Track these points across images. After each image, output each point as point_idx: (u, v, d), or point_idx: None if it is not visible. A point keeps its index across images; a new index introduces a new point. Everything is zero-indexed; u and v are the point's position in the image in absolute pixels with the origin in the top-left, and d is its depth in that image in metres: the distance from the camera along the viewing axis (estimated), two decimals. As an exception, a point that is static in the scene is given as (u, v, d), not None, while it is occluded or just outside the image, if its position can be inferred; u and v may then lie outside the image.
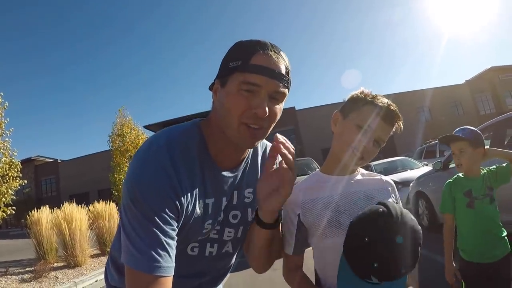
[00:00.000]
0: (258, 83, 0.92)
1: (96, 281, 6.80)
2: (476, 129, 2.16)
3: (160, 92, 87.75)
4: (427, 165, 10.01)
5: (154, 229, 0.88)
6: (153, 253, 0.86)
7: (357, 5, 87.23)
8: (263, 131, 0.98)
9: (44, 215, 8.04)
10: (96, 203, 9.48)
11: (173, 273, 0.90)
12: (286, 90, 0.98)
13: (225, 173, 1.06)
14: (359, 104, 1.18)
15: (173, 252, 0.91)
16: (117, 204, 10.18)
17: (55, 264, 7.89)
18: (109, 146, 18.40)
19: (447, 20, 73.05)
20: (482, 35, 69.74)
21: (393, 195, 1.25)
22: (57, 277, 6.82)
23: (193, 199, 0.98)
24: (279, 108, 0.99)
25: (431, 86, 33.63)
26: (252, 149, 1.16)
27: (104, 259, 8.45)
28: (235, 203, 1.12)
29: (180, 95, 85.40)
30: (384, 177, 1.29)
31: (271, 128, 1.01)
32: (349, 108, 1.21)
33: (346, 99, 1.25)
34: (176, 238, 0.93)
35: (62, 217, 7.86)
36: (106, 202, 9.61)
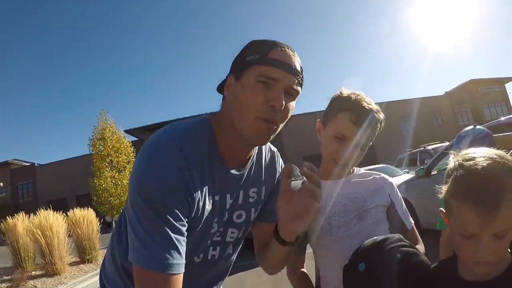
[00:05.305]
0: (275, 77, 0.91)
1: (75, 289, 6.63)
2: (477, 131, 1.94)
3: (140, 96, 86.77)
4: (408, 172, 10.15)
5: (165, 226, 0.85)
6: (163, 251, 0.84)
7: (341, 18, 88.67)
8: (276, 127, 0.96)
9: (20, 222, 7.79)
10: (75, 210, 9.19)
11: (183, 271, 0.88)
12: (300, 88, 0.97)
13: (232, 171, 1.04)
14: (334, 111, 1.20)
15: (183, 249, 0.88)
16: (96, 211, 9.96)
17: (33, 272, 7.63)
18: (89, 150, 18.05)
19: (429, 33, 75.08)
20: (464, 48, 71.84)
21: (389, 193, 1.28)
22: (36, 286, 6.62)
23: (203, 195, 0.96)
24: (292, 105, 0.98)
25: (412, 97, 34.29)
26: (257, 149, 1.13)
27: (84, 267, 8.23)
28: (240, 203, 1.10)
29: (161, 99, 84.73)
30: (380, 176, 1.31)
31: (282, 125, 0.99)
32: (327, 116, 1.24)
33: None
34: (186, 234, 0.90)
35: (38, 224, 7.60)
36: (85, 208, 9.34)
